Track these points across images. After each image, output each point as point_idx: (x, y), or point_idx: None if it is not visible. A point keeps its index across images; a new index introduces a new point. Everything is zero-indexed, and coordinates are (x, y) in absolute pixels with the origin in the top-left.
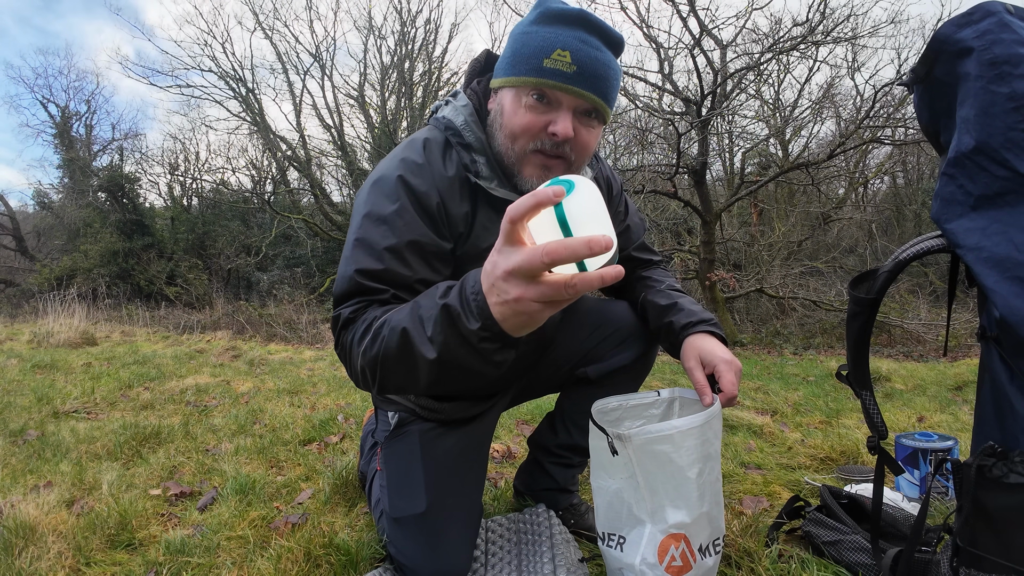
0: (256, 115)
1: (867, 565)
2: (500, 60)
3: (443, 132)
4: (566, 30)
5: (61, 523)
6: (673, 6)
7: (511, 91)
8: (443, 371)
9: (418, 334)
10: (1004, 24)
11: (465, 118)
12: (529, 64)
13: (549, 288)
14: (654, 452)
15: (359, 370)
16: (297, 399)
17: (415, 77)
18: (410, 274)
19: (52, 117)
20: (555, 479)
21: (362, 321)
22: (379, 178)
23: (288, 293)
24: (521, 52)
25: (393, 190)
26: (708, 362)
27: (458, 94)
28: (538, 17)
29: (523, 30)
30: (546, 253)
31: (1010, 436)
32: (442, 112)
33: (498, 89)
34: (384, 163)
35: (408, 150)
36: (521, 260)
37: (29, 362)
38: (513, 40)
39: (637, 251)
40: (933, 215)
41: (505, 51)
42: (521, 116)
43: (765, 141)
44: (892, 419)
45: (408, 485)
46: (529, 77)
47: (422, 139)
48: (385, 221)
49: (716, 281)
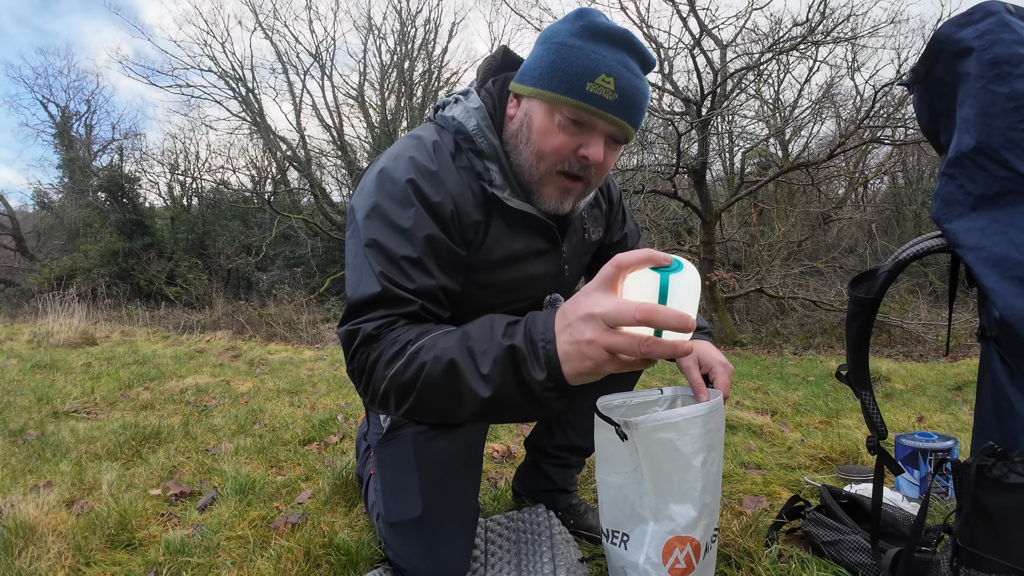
0: (256, 115)
1: (867, 565)
2: (532, 66)
3: (452, 135)
4: (611, 52)
5: (61, 523)
6: (673, 6)
7: (544, 105)
8: (491, 409)
9: (469, 369)
10: (1004, 24)
11: (478, 122)
12: (571, 84)
13: (625, 341)
14: (660, 440)
15: (380, 392)
16: (297, 399)
17: (415, 77)
18: (434, 284)
19: (52, 117)
20: (553, 480)
21: (391, 341)
22: (387, 179)
23: (288, 293)
24: (562, 68)
25: (404, 195)
26: (705, 363)
27: (469, 93)
28: (582, 31)
29: (565, 41)
30: (640, 310)
31: (1010, 436)
32: (451, 111)
33: (525, 97)
34: (389, 161)
35: (417, 150)
36: (612, 307)
37: (29, 362)
38: (552, 50)
39: None
40: (933, 215)
41: (540, 58)
42: (554, 137)
43: (765, 141)
44: (892, 419)
45: (402, 489)
46: (570, 98)
47: (431, 141)
48: (400, 229)
49: (716, 281)
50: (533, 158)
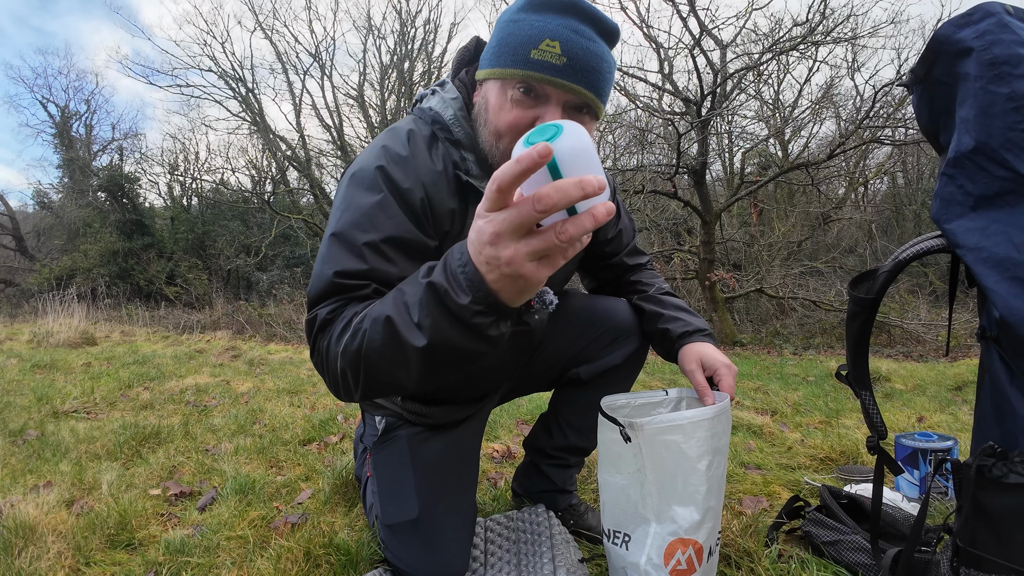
0: (256, 115)
1: (867, 565)
2: (485, 50)
3: (429, 125)
4: (556, 18)
5: (61, 523)
6: (673, 6)
7: (496, 84)
8: (435, 358)
9: (404, 321)
10: (1003, 24)
11: (455, 112)
12: (515, 55)
13: (541, 240)
14: (665, 442)
15: (339, 373)
16: (297, 399)
17: (415, 77)
18: (395, 271)
19: (52, 117)
20: (552, 481)
21: (340, 319)
22: (358, 169)
23: (288, 293)
24: (507, 42)
25: (373, 181)
26: (709, 366)
27: (445, 84)
28: (527, 4)
29: (510, 18)
30: (536, 200)
31: (1010, 436)
32: (428, 103)
33: (483, 81)
34: (363, 154)
35: (390, 139)
36: (510, 215)
37: (29, 362)
38: (499, 28)
39: (628, 256)
40: (933, 215)
41: (491, 40)
42: (507, 112)
43: (765, 141)
44: (892, 419)
45: (399, 492)
46: (516, 69)
47: (405, 130)
48: (365, 214)
49: (716, 281)
50: (492, 138)
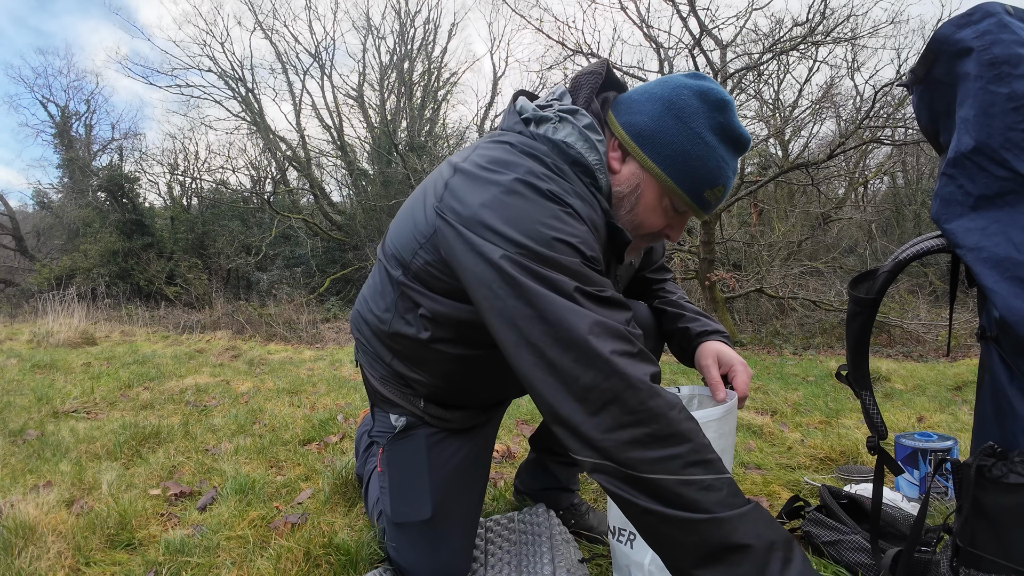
0: (256, 115)
1: (867, 565)
2: (654, 136)
3: (568, 164)
4: (732, 159)
5: (61, 523)
6: (673, 6)
7: (658, 187)
8: None
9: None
10: (1003, 24)
11: (600, 156)
12: (693, 184)
13: None
14: None
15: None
16: (297, 399)
17: (414, 77)
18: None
19: (52, 117)
20: (557, 478)
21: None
22: (528, 231)
23: (288, 293)
24: (692, 165)
25: (553, 249)
26: (725, 363)
27: (578, 113)
28: (720, 130)
29: (702, 135)
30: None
31: (1010, 436)
32: (560, 134)
33: (638, 163)
34: (532, 177)
35: (552, 182)
36: None
37: (29, 362)
38: (685, 135)
39: (653, 272)
40: (933, 215)
41: (667, 132)
42: (657, 218)
43: (765, 141)
44: (892, 419)
45: (412, 491)
46: (686, 195)
47: (553, 165)
48: (589, 261)
49: (716, 281)
50: (630, 227)
